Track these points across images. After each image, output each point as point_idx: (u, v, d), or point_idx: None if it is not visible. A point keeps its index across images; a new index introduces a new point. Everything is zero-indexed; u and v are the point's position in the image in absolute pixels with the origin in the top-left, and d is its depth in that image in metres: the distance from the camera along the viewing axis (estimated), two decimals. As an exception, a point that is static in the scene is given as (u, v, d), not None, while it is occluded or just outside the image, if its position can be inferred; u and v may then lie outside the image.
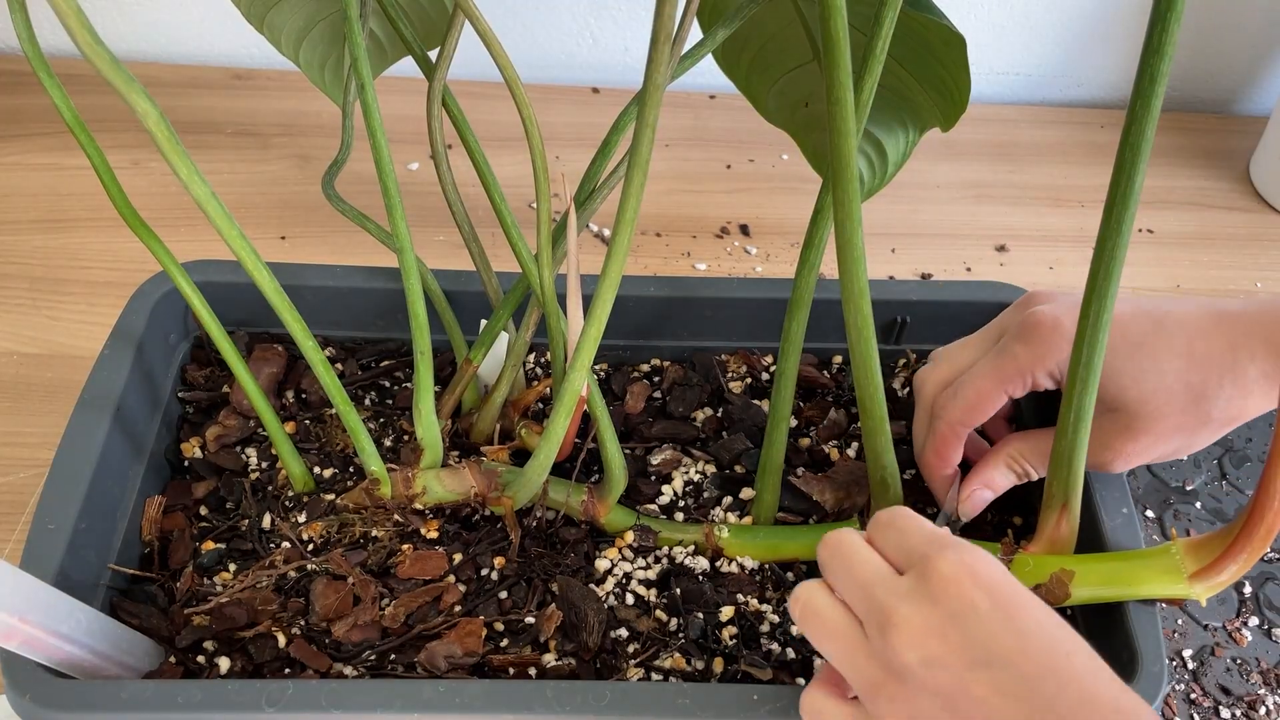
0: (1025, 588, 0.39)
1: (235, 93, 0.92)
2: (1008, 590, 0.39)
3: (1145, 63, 0.38)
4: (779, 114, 0.62)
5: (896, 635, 0.38)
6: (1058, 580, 0.47)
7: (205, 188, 0.42)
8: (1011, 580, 0.39)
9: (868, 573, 0.41)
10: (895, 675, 0.39)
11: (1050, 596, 0.47)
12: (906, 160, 0.60)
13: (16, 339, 0.71)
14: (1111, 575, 0.47)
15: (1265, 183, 0.90)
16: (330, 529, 0.53)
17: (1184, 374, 0.47)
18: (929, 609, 0.38)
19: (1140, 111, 0.39)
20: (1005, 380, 0.49)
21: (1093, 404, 0.45)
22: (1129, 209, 0.41)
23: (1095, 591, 0.47)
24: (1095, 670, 0.38)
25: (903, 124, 0.58)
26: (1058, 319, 0.48)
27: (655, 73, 0.39)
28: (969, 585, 0.38)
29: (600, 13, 0.94)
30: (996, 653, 0.37)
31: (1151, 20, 0.38)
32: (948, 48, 0.50)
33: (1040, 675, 0.37)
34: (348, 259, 0.66)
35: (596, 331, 0.45)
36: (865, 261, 0.44)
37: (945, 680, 0.38)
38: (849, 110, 0.40)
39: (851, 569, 0.41)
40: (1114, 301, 0.43)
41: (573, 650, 0.50)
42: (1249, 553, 0.42)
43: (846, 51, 0.39)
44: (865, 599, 0.40)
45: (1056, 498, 0.47)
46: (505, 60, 0.46)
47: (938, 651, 0.38)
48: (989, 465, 0.52)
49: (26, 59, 0.43)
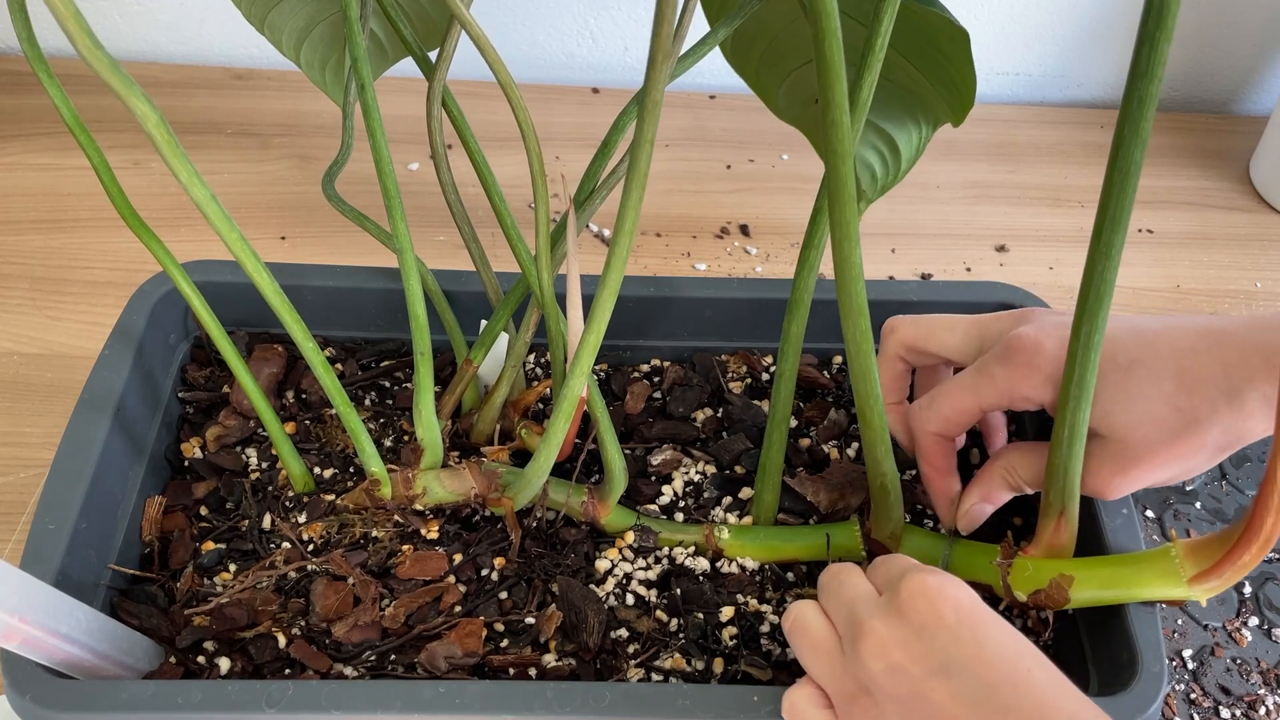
0: (990, 610, 0.41)
1: (235, 93, 0.92)
2: (971, 607, 0.40)
3: (1132, 86, 0.36)
4: (789, 111, 0.62)
5: (864, 645, 0.40)
6: (1057, 585, 0.47)
7: (205, 190, 0.42)
8: (977, 601, 0.41)
9: (853, 594, 0.43)
10: (864, 686, 0.40)
11: (1050, 600, 0.47)
12: (920, 155, 0.59)
13: (16, 339, 0.71)
14: (1111, 579, 0.46)
15: (1265, 183, 0.90)
16: (330, 529, 0.53)
17: (1173, 398, 0.44)
18: (895, 621, 0.40)
19: (1129, 135, 0.37)
20: (982, 399, 0.49)
21: (1086, 418, 0.44)
22: (1121, 224, 0.40)
23: (1095, 595, 0.47)
24: (1055, 685, 0.38)
25: (915, 120, 0.58)
26: (1038, 342, 0.47)
27: (653, 89, 0.39)
28: (935, 599, 0.40)
29: (600, 13, 0.94)
30: (956, 662, 0.39)
31: (1139, 39, 0.36)
32: (953, 43, 0.50)
33: (998, 685, 0.38)
34: (348, 259, 0.66)
35: (596, 338, 0.45)
36: (863, 280, 0.44)
37: (907, 688, 0.39)
38: (846, 132, 0.39)
39: (841, 590, 0.44)
40: (1105, 322, 0.42)
41: (573, 651, 0.50)
42: (1249, 557, 0.42)
43: (842, 77, 0.38)
44: (846, 616, 0.43)
45: (1054, 506, 0.47)
46: (500, 64, 0.46)
47: (900, 660, 0.39)
48: (985, 479, 0.51)
49: (26, 59, 0.43)
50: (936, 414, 0.50)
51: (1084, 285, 0.42)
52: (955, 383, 0.50)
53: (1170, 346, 0.45)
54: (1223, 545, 0.43)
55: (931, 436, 0.51)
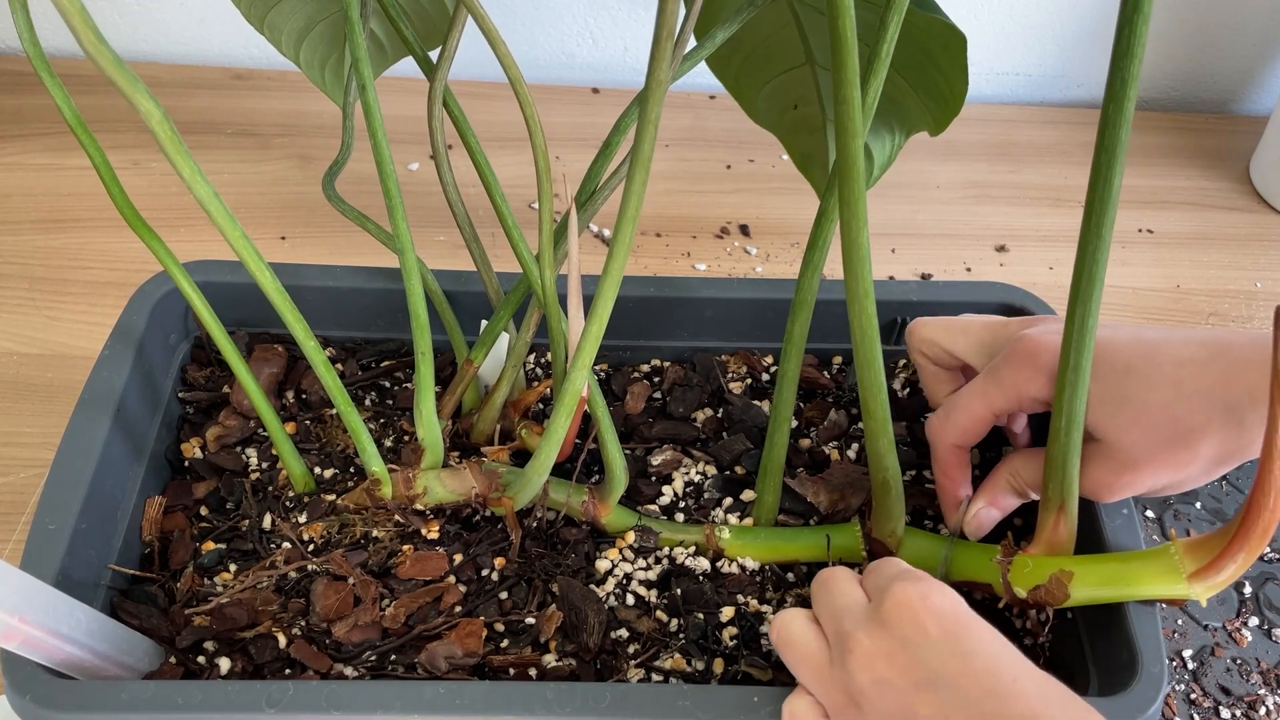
0: (979, 617, 0.41)
1: (235, 93, 0.92)
2: (957, 617, 0.40)
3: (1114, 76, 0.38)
4: (767, 115, 0.62)
5: (851, 658, 0.41)
6: (1056, 581, 0.46)
7: (208, 188, 0.42)
8: (963, 609, 0.41)
9: (843, 603, 0.43)
10: (853, 699, 0.41)
11: (1049, 597, 0.47)
12: (892, 163, 0.60)
13: (16, 339, 0.71)
14: (1110, 576, 0.46)
15: (1265, 183, 0.90)
16: (331, 529, 0.53)
17: (1168, 407, 0.44)
18: (880, 634, 0.40)
19: (1114, 115, 0.38)
20: (992, 404, 0.49)
21: (1083, 406, 0.44)
22: (1110, 203, 0.40)
23: (1094, 592, 0.47)
24: (1043, 692, 0.38)
25: (889, 128, 0.59)
26: (1040, 342, 0.47)
27: (658, 68, 0.39)
28: (920, 611, 0.40)
29: (600, 13, 0.94)
30: (941, 675, 0.39)
31: (1119, 25, 0.38)
32: (946, 51, 0.50)
33: (983, 697, 0.38)
34: (348, 259, 0.66)
35: (598, 331, 0.45)
36: (870, 262, 0.44)
37: (893, 701, 0.39)
38: (856, 109, 0.40)
39: (830, 599, 0.44)
40: (1098, 305, 0.42)
41: (573, 651, 0.50)
42: (1247, 551, 0.42)
43: (854, 51, 0.39)
44: (835, 627, 0.43)
45: (1053, 500, 0.47)
46: (510, 60, 0.46)
47: (886, 673, 0.40)
48: (990, 485, 0.52)
49: (28, 59, 0.43)
50: (954, 426, 0.51)
51: (1076, 268, 0.42)
52: (967, 391, 0.50)
53: (1170, 355, 0.44)
54: (1221, 541, 0.43)
55: (950, 448, 0.51)
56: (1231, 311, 0.80)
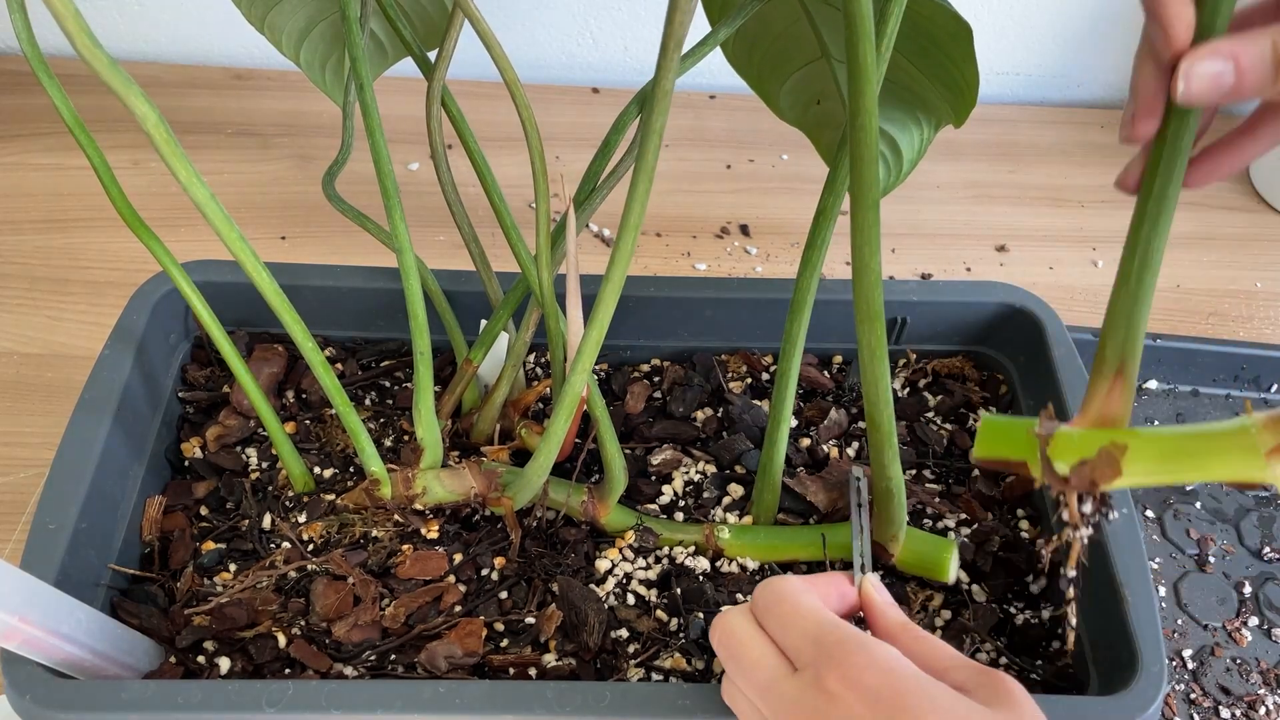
0: (922, 679, 0.38)
1: (235, 93, 0.92)
2: (892, 694, 0.38)
3: None
4: (792, 112, 0.62)
5: (827, 681, 0.38)
6: (1107, 455, 0.38)
7: (205, 190, 0.42)
8: (902, 678, 0.38)
9: (763, 676, 0.41)
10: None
11: (1099, 475, 0.38)
12: (922, 157, 0.59)
13: (16, 339, 0.71)
14: (1172, 450, 0.37)
15: (1265, 183, 0.90)
16: (330, 529, 0.53)
17: None
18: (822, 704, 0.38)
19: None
20: None
21: (1163, 245, 0.37)
22: None
23: (1152, 469, 0.37)
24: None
25: (915, 120, 0.58)
26: None
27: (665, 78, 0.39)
28: (853, 700, 0.38)
29: (600, 13, 0.94)
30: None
31: None
32: (954, 41, 0.50)
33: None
34: (348, 259, 0.66)
35: (598, 335, 0.45)
36: (881, 286, 0.43)
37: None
38: (872, 137, 0.38)
39: (746, 670, 0.41)
40: None
41: (573, 650, 0.50)
42: None
43: (872, 75, 0.38)
44: (763, 703, 0.40)
45: (1110, 362, 0.38)
46: (506, 62, 0.46)
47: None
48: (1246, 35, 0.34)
49: (26, 59, 0.43)
50: None
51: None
52: None
53: None
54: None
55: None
56: (1232, 311, 0.80)
